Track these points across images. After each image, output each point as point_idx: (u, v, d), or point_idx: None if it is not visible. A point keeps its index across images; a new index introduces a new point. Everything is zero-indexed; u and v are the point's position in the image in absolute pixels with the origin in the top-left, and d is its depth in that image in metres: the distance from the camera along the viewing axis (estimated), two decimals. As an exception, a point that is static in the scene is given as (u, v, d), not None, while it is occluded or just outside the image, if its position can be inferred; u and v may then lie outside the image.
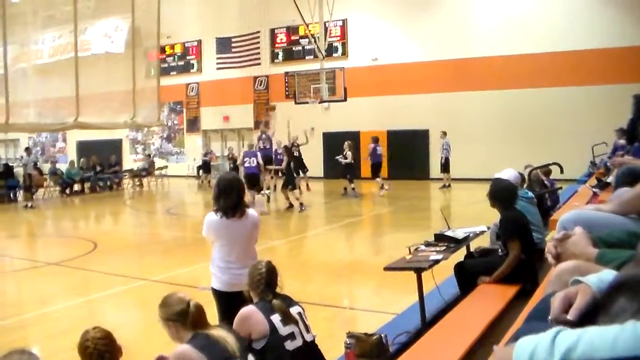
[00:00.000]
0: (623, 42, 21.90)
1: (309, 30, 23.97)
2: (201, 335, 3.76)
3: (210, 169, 28.41)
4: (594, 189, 7.98)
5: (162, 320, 3.99)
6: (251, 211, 5.64)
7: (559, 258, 2.14)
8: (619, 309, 1.37)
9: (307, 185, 22.91)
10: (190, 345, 3.70)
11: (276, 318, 4.41)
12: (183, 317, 3.85)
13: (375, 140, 22.39)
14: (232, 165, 24.05)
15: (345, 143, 22.19)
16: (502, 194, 6.66)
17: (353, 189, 21.81)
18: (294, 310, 4.59)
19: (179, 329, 3.88)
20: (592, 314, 1.50)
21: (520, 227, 6.52)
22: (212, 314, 5.52)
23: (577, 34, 22.68)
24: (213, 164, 28.94)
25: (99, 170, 27.57)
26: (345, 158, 21.86)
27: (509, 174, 7.63)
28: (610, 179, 7.19)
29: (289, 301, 4.68)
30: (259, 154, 17.99)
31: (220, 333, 3.81)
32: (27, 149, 24.58)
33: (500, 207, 6.67)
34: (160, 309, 4.02)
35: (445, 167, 22.96)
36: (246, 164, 17.55)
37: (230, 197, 5.43)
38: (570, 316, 1.54)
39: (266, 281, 4.63)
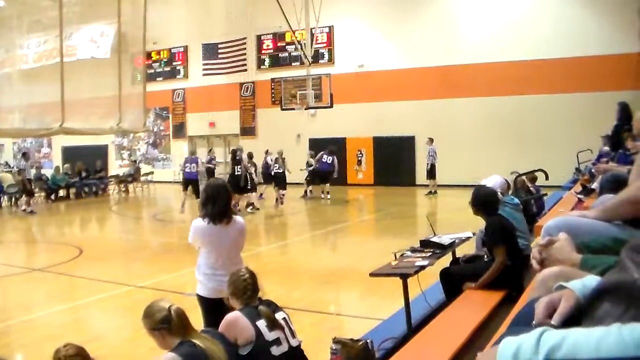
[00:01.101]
0: (609, 50, 22.05)
1: (296, 37, 24.03)
2: (187, 343, 3.74)
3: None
4: (578, 196, 8.02)
5: (148, 331, 3.96)
6: (238, 218, 5.63)
7: (543, 264, 2.15)
8: (603, 314, 1.38)
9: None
10: (176, 353, 3.68)
11: (262, 324, 4.41)
12: (167, 324, 3.82)
13: (329, 151, 22.72)
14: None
15: (308, 152, 23.80)
16: (483, 201, 6.69)
17: (327, 192, 22.55)
18: (279, 316, 4.59)
19: (165, 337, 3.85)
20: (576, 319, 1.51)
21: (506, 232, 6.55)
22: (198, 320, 5.51)
23: (564, 42, 22.81)
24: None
25: (85, 176, 27.43)
26: (310, 166, 22.82)
27: (494, 180, 7.67)
28: (595, 185, 7.24)
29: (273, 307, 4.68)
30: (199, 160, 18.46)
31: (206, 342, 3.79)
32: (25, 154, 24.52)
33: (484, 214, 6.69)
34: (143, 321, 3.98)
35: (431, 173, 23.03)
36: (187, 169, 18.03)
37: (218, 203, 5.41)
38: (554, 321, 1.55)
39: (252, 287, 4.64)
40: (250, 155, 20.20)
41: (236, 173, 18.78)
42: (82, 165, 27.84)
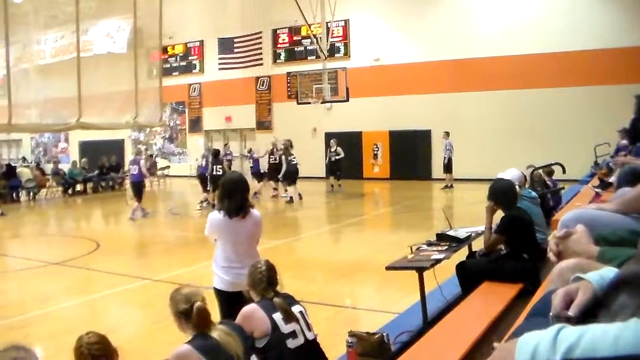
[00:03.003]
0: (626, 42, 21.84)
1: (311, 31, 23.97)
2: (203, 336, 3.77)
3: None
4: (596, 189, 7.95)
5: (171, 312, 4.05)
6: (255, 211, 5.63)
7: (560, 256, 2.14)
8: (620, 306, 1.37)
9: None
10: (191, 345, 3.71)
11: (278, 316, 4.42)
12: (185, 317, 3.87)
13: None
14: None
15: (332, 141, 23.32)
16: (502, 193, 6.65)
17: (339, 185, 22.56)
18: (295, 309, 4.60)
19: (183, 325, 3.95)
20: (593, 311, 1.50)
21: (523, 225, 6.52)
22: (215, 313, 5.54)
23: (581, 34, 22.63)
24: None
25: (106, 171, 27.56)
26: (338, 155, 22.75)
27: (512, 173, 7.61)
28: (613, 179, 7.18)
29: (290, 300, 4.69)
30: (142, 161, 17.83)
31: (222, 334, 3.82)
32: None
33: (502, 207, 6.66)
34: (169, 302, 4.09)
35: (447, 167, 22.95)
36: (130, 172, 17.63)
37: (235, 197, 5.42)
38: (571, 312, 1.54)
39: (267, 279, 4.64)
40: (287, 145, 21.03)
41: (214, 173, 18.62)
42: (106, 160, 27.99)
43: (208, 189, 18.90)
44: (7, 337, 7.15)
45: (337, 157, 22.82)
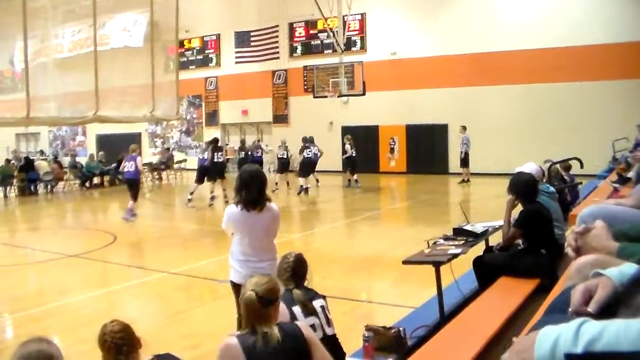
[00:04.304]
0: (645, 36, 21.69)
1: (328, 25, 23.94)
2: (252, 332, 3.55)
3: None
4: (614, 184, 7.92)
5: None
6: (272, 205, 5.63)
7: (579, 251, 2.12)
8: (641, 302, 1.37)
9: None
10: (237, 340, 3.51)
11: (297, 309, 4.41)
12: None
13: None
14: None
15: (345, 137, 23.30)
16: (524, 187, 6.62)
17: (356, 180, 22.44)
18: (316, 304, 4.57)
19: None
20: (613, 307, 1.49)
21: (542, 220, 6.49)
22: (232, 307, 5.55)
23: (598, 28, 22.46)
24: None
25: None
26: (345, 152, 22.78)
27: (530, 167, 7.56)
28: (631, 174, 7.15)
29: (312, 294, 4.67)
30: (138, 158, 17.22)
31: (272, 337, 3.54)
32: None
33: (523, 201, 6.63)
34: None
35: (464, 161, 22.89)
36: (125, 169, 17.01)
37: (251, 190, 5.42)
38: (590, 308, 1.53)
39: (292, 270, 4.63)
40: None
41: (216, 160, 19.44)
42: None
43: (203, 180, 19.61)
44: (27, 329, 7.23)
45: (345, 155, 23.06)
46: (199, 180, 19.42)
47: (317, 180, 22.25)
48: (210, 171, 19.36)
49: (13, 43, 17.50)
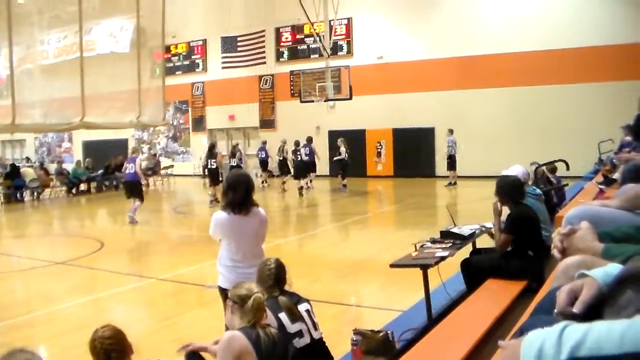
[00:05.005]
0: (630, 39, 21.82)
1: (314, 29, 23.99)
2: (252, 327, 3.82)
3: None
4: (600, 186, 7.94)
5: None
6: (260, 209, 5.63)
7: (564, 252, 2.14)
8: (626, 302, 1.38)
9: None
10: (242, 332, 3.77)
11: (284, 316, 4.41)
12: (240, 304, 3.90)
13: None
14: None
15: (339, 140, 23.29)
16: (509, 189, 6.65)
17: (344, 185, 22.55)
18: (302, 308, 4.59)
19: (233, 312, 3.96)
20: (598, 307, 1.50)
21: (530, 222, 6.52)
22: (220, 312, 5.54)
23: (583, 31, 22.60)
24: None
25: (111, 171, 27.57)
26: (340, 154, 22.87)
27: (516, 170, 7.60)
28: (617, 175, 7.17)
29: (296, 298, 4.68)
30: (138, 159, 17.56)
31: (271, 332, 3.87)
32: None
33: (510, 203, 6.65)
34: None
35: (451, 164, 22.99)
36: (126, 171, 17.30)
37: (238, 192, 5.41)
38: (575, 309, 1.54)
39: (275, 277, 4.64)
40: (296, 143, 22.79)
41: (209, 166, 19.94)
42: (114, 160, 28.01)
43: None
44: (12, 337, 7.19)
45: (339, 157, 23.08)
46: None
47: (301, 191, 22.09)
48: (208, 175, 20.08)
49: (-3, 49, 17.43)
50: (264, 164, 26.00)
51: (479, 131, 24.52)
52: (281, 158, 24.08)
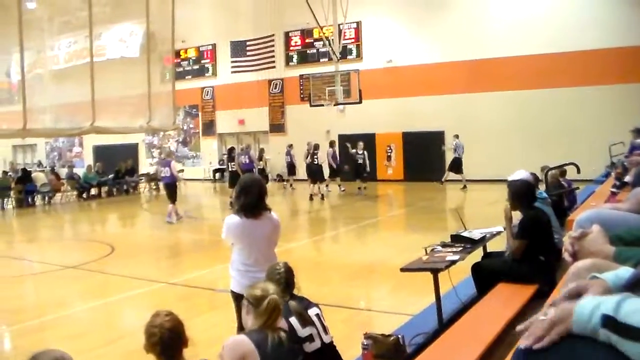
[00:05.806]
0: (637, 41, 21.65)
1: (323, 33, 23.98)
2: (261, 331, 3.77)
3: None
4: (611, 189, 7.92)
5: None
6: (272, 214, 5.61)
7: (576, 256, 2.13)
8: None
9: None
10: (246, 335, 3.74)
11: (294, 320, 4.41)
12: (255, 306, 3.84)
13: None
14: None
15: (357, 144, 23.47)
16: (522, 193, 6.63)
17: (359, 188, 23.02)
18: (312, 312, 4.58)
19: (248, 312, 3.91)
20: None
21: (542, 226, 6.50)
22: (231, 316, 5.54)
23: (593, 33, 22.51)
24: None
25: (121, 176, 27.68)
26: (357, 160, 23.22)
27: (521, 175, 7.58)
28: (628, 178, 7.14)
29: (306, 302, 4.68)
30: (173, 162, 17.88)
31: (281, 336, 3.81)
32: None
33: (522, 208, 6.64)
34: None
35: (452, 167, 23.13)
36: (162, 174, 17.82)
37: (250, 195, 5.37)
38: None
39: (285, 281, 4.64)
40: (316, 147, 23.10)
41: (230, 169, 20.76)
42: (124, 165, 28.13)
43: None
44: (24, 341, 7.20)
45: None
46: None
47: (311, 197, 22.34)
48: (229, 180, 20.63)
49: (9, 55, 17.49)
50: (290, 167, 26.27)
51: (488, 134, 24.47)
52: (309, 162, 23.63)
